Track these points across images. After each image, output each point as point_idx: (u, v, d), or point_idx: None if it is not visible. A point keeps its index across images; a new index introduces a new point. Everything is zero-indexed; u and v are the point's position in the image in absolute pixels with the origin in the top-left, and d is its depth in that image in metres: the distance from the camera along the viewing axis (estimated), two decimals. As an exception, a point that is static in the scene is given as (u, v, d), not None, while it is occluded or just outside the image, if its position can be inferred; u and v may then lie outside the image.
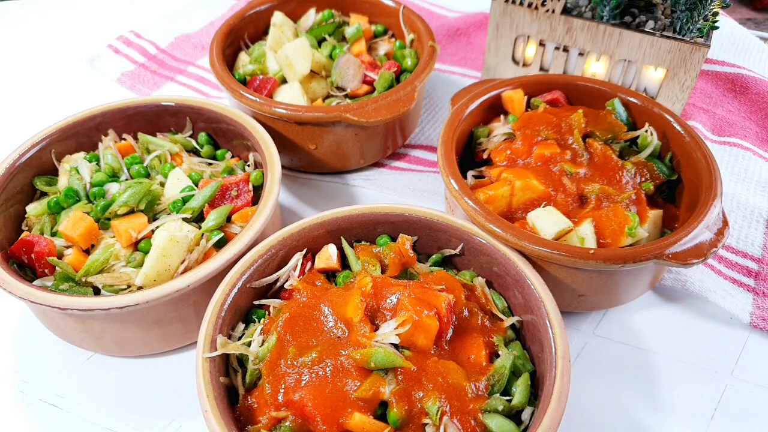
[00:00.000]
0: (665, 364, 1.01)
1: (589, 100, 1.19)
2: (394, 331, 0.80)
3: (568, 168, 1.04)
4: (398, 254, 0.96)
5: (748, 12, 2.17)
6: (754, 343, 1.04)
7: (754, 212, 1.20)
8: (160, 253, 0.92)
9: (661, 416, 0.95)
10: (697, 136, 1.08)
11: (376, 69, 1.31)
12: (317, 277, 0.95)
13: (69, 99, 1.51)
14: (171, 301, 0.90)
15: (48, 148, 1.10)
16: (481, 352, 0.84)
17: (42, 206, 1.03)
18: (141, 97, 1.20)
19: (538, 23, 1.31)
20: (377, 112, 1.15)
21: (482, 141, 1.17)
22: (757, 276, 1.11)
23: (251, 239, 0.94)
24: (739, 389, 0.98)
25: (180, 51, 1.65)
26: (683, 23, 1.19)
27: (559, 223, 0.97)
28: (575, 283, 0.97)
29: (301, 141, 1.22)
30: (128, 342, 0.96)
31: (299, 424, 0.77)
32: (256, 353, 0.84)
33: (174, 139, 1.18)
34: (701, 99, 1.44)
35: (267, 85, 1.26)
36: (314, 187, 1.31)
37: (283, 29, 1.35)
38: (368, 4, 1.45)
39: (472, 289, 0.93)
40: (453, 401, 0.78)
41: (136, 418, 0.94)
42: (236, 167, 1.14)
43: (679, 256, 0.90)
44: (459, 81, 1.56)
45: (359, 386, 0.77)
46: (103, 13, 1.82)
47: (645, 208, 1.02)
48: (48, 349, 1.02)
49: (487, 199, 1.01)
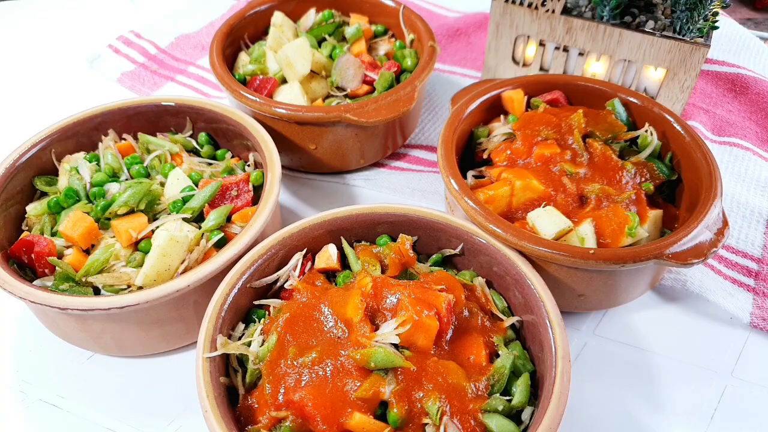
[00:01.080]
0: (665, 364, 1.01)
1: (589, 100, 1.19)
2: (394, 331, 0.80)
3: (568, 168, 1.04)
4: (398, 254, 0.96)
5: (748, 12, 2.17)
6: (754, 343, 1.04)
7: (754, 212, 1.20)
8: (160, 253, 0.92)
9: (661, 416, 0.95)
10: (697, 136, 1.08)
11: (376, 69, 1.31)
12: (317, 277, 0.95)
13: (69, 99, 1.51)
14: (171, 301, 0.90)
15: (48, 148, 1.10)
16: (481, 352, 0.84)
17: (42, 206, 1.03)
18: (141, 97, 1.20)
19: (538, 23, 1.31)
20: (377, 112, 1.15)
21: (482, 141, 1.17)
22: (757, 276, 1.11)
23: (251, 239, 0.94)
24: (739, 389, 0.98)
25: (180, 51, 1.65)
26: (683, 23, 1.19)
27: (559, 223, 0.97)
28: (575, 283, 0.97)
29: (301, 141, 1.22)
30: (128, 342, 0.96)
31: (299, 424, 0.77)
32: (256, 353, 0.84)
33: (174, 139, 1.18)
34: (701, 99, 1.44)
35: (267, 85, 1.26)
36: (314, 187, 1.31)
37: (283, 29, 1.35)
38: (368, 4, 1.45)
39: (472, 289, 0.93)
40: (453, 401, 0.78)
41: (137, 417, 0.94)
42: (236, 167, 1.14)
43: (679, 256, 0.90)
44: (459, 81, 1.56)
45: (359, 386, 0.77)
46: (103, 13, 1.82)
47: (645, 208, 1.02)
48: (48, 349, 1.02)
49: (487, 199, 1.01)
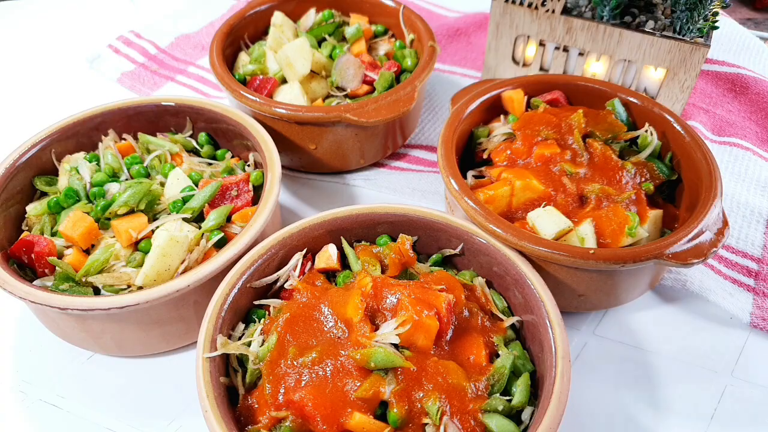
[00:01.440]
0: (665, 364, 1.01)
1: (589, 100, 1.19)
2: (394, 331, 0.80)
3: (568, 168, 1.04)
4: (398, 254, 0.96)
5: (748, 12, 2.17)
6: (754, 343, 1.04)
7: (754, 212, 1.20)
8: (160, 253, 0.92)
9: (661, 416, 0.95)
10: (697, 136, 1.08)
11: (376, 69, 1.31)
12: (317, 277, 0.95)
13: (69, 99, 1.51)
14: (171, 301, 0.90)
15: (48, 148, 1.10)
16: (481, 352, 0.84)
17: (42, 206, 1.03)
18: (141, 97, 1.20)
19: (538, 23, 1.31)
20: (377, 112, 1.15)
21: (482, 141, 1.17)
22: (757, 276, 1.11)
23: (251, 239, 0.94)
24: (739, 389, 0.98)
25: (180, 51, 1.65)
26: (683, 23, 1.19)
27: (559, 223, 0.97)
28: (575, 283, 0.97)
29: (301, 141, 1.22)
30: (128, 342, 0.96)
31: (299, 424, 0.77)
32: (256, 353, 0.84)
33: (174, 139, 1.18)
34: (701, 99, 1.44)
35: (267, 85, 1.26)
36: (314, 187, 1.31)
37: (283, 29, 1.35)
38: (368, 4, 1.45)
39: (472, 289, 0.93)
40: (453, 401, 0.78)
41: (137, 417, 0.94)
42: (236, 167, 1.14)
43: (679, 256, 0.90)
44: (459, 81, 1.56)
45: (359, 386, 0.77)
46: (103, 13, 1.82)
47: (645, 208, 1.02)
48: (48, 349, 1.02)
49: (487, 199, 1.01)
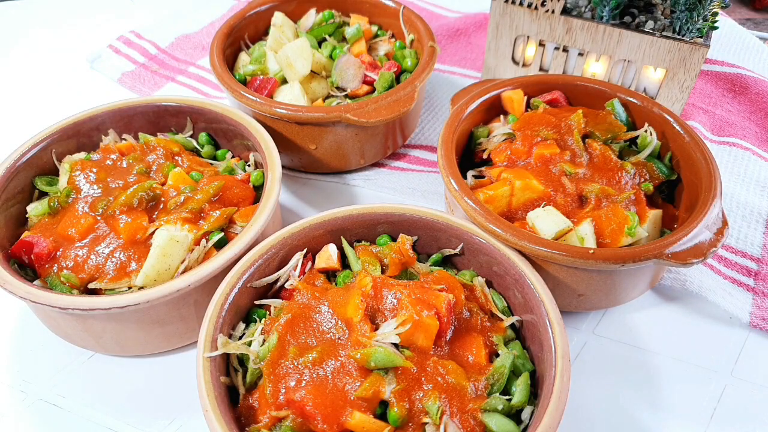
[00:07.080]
0: (665, 364, 1.01)
1: (588, 101, 1.20)
2: (394, 330, 0.81)
3: (567, 168, 1.04)
4: (398, 254, 0.97)
5: (747, 12, 2.17)
6: (753, 343, 1.04)
7: (754, 212, 1.20)
8: (161, 252, 0.93)
9: (661, 416, 0.95)
10: (696, 136, 1.08)
11: (376, 69, 1.31)
12: (317, 277, 0.95)
13: (69, 99, 1.51)
14: (171, 300, 0.90)
15: (48, 148, 1.10)
16: (481, 352, 0.84)
17: (42, 206, 1.03)
18: (141, 97, 1.20)
19: (538, 23, 1.31)
20: (377, 113, 1.15)
21: (482, 141, 1.17)
22: (756, 276, 1.11)
23: (251, 239, 0.95)
24: (739, 389, 0.98)
25: (180, 51, 1.66)
26: (683, 23, 1.20)
27: (558, 223, 0.97)
28: (575, 283, 0.97)
29: (301, 141, 1.22)
30: (129, 341, 0.96)
31: (300, 424, 0.77)
32: (256, 353, 0.84)
33: (174, 139, 1.18)
34: (701, 99, 1.44)
35: (267, 85, 1.27)
36: (314, 187, 1.32)
37: (284, 29, 1.35)
38: (368, 4, 1.45)
39: (472, 288, 0.94)
40: (453, 401, 0.78)
41: (137, 417, 0.95)
42: (236, 167, 1.14)
43: (679, 255, 0.90)
44: (459, 81, 1.56)
45: (359, 386, 0.77)
46: (104, 13, 1.82)
47: (644, 208, 1.02)
48: (48, 349, 1.03)
49: (487, 199, 1.01)
